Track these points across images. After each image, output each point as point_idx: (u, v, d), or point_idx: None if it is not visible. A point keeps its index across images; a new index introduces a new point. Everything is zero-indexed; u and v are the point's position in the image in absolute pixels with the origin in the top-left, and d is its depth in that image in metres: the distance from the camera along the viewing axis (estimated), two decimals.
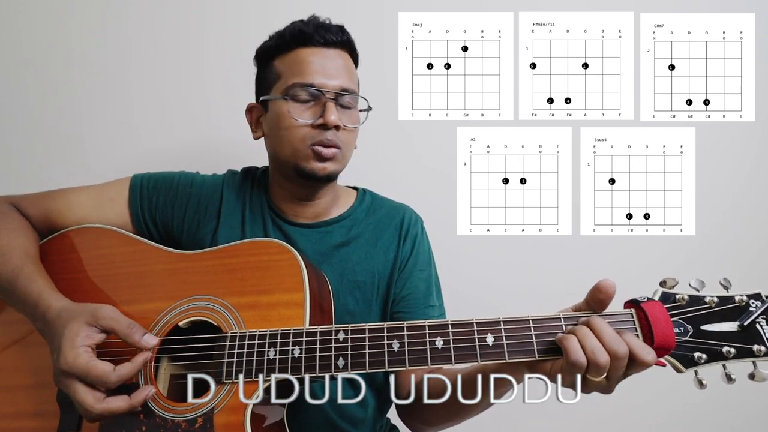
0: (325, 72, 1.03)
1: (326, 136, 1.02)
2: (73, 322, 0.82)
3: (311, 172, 1.03)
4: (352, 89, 1.06)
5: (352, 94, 1.06)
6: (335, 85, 1.03)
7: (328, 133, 1.02)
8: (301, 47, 1.05)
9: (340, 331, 0.83)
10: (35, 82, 1.51)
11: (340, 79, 1.04)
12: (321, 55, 1.05)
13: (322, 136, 1.02)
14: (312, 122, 1.02)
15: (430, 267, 1.17)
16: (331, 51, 1.06)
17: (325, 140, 1.02)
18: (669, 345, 0.74)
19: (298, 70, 1.04)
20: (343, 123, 1.03)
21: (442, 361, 0.79)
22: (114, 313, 0.84)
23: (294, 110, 1.02)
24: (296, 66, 1.04)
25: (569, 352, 0.73)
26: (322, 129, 1.01)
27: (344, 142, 1.05)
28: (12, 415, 0.91)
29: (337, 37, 1.06)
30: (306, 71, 1.03)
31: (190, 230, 1.10)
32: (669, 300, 0.78)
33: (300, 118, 1.02)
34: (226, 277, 0.93)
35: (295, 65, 1.05)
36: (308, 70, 1.03)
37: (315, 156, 1.02)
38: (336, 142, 1.03)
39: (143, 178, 1.13)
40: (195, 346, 0.89)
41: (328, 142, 1.02)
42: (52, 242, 1.05)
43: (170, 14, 1.51)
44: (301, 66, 1.04)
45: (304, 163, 1.04)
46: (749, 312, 0.76)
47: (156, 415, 0.84)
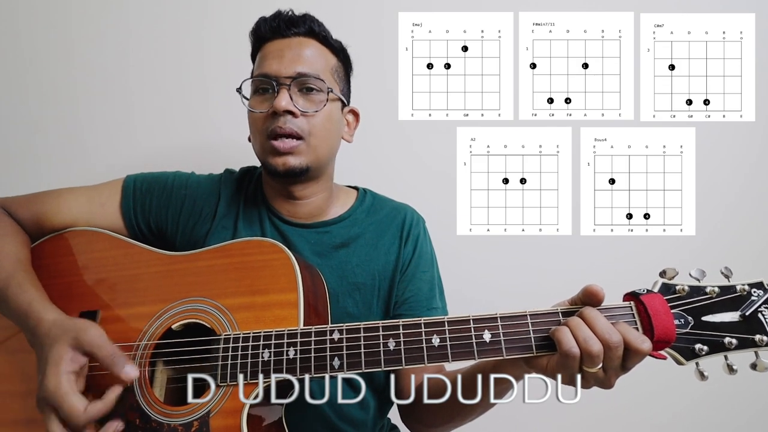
0: (281, 60, 1.02)
1: (278, 124, 1.00)
2: (58, 345, 0.80)
3: (273, 169, 1.02)
4: (310, 72, 1.02)
5: (309, 78, 1.02)
6: (288, 70, 1.01)
7: (280, 120, 1.00)
8: (264, 43, 1.06)
9: (335, 331, 0.82)
10: (35, 82, 1.51)
11: (297, 65, 1.01)
12: (279, 45, 1.04)
13: (275, 123, 1.00)
14: (266, 111, 1.01)
15: (433, 268, 1.16)
16: (292, 40, 1.05)
17: (277, 128, 1.00)
18: (669, 337, 0.74)
19: (258, 64, 1.06)
20: (300, 108, 1.01)
21: (439, 359, 0.78)
22: (98, 339, 0.81)
23: (253, 103, 1.04)
24: (258, 62, 1.07)
25: (561, 342, 0.73)
26: (275, 116, 1.00)
27: (306, 130, 1.02)
28: (5, 423, 0.91)
29: (299, 27, 1.05)
30: (263, 63, 1.04)
31: (185, 232, 1.10)
32: (669, 291, 0.77)
33: (256, 108, 1.02)
34: (219, 278, 0.93)
35: (258, 61, 1.07)
36: (265, 61, 1.04)
37: (273, 150, 1.01)
38: (292, 130, 1.00)
39: (136, 179, 1.12)
40: (189, 349, 0.88)
41: (280, 130, 1.00)
42: (45, 245, 1.05)
43: (169, 14, 1.51)
44: (261, 60, 1.05)
45: (266, 158, 1.03)
46: (751, 301, 0.75)
47: (152, 420, 0.84)
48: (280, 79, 1.01)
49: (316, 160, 1.05)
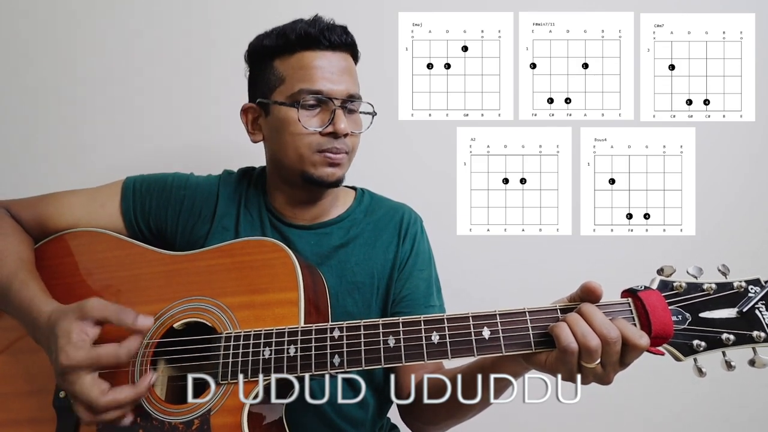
0: (332, 77, 1.01)
1: (335, 145, 1.01)
2: (62, 321, 0.81)
3: (320, 179, 1.03)
4: (358, 94, 1.05)
5: (359, 100, 1.05)
6: (342, 91, 1.01)
7: (338, 142, 1.01)
8: (305, 50, 1.02)
9: (335, 329, 0.82)
10: (35, 83, 1.51)
11: (345, 84, 1.02)
12: (326, 59, 1.02)
13: (332, 144, 1.01)
14: (321, 130, 1.01)
15: (431, 267, 1.17)
16: (337, 54, 1.03)
17: (334, 149, 1.01)
18: (667, 333, 0.74)
19: (304, 75, 1.01)
20: (351, 129, 1.03)
21: (439, 356, 0.79)
22: (100, 302, 0.82)
23: (302, 118, 1.00)
24: (302, 71, 1.01)
25: (560, 338, 0.74)
26: (331, 137, 1.01)
27: (351, 147, 1.05)
28: (7, 423, 0.91)
29: (342, 40, 1.03)
30: (313, 77, 1.00)
31: (184, 232, 1.10)
32: (667, 288, 0.78)
33: (308, 126, 1.00)
34: (220, 277, 0.93)
35: (301, 70, 1.01)
36: (315, 75, 1.00)
37: (324, 162, 1.02)
38: (345, 150, 1.03)
39: (135, 181, 1.12)
40: (190, 347, 0.88)
41: (337, 150, 1.02)
42: (47, 246, 1.05)
43: (170, 15, 1.51)
44: (308, 71, 1.01)
45: (312, 170, 1.03)
46: (748, 298, 0.75)
47: (153, 418, 0.84)
48: (336, 100, 1.01)
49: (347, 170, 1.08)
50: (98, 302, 0.82)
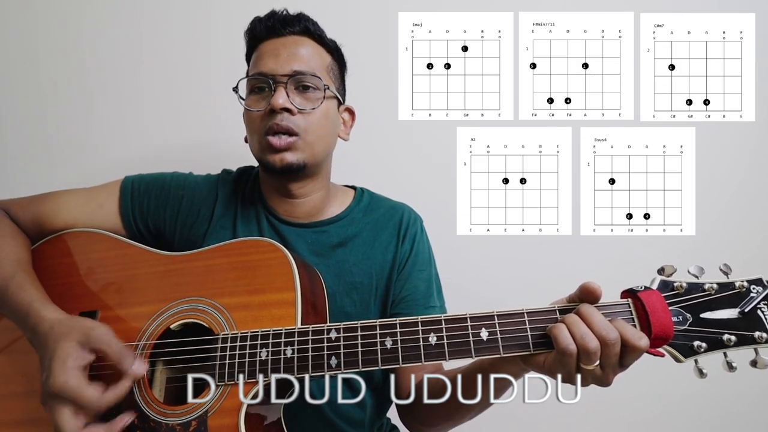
0: (277, 58, 1.03)
1: (275, 121, 1.00)
2: (64, 341, 0.80)
3: (270, 165, 1.03)
4: (307, 70, 1.03)
5: (306, 75, 1.03)
6: (284, 68, 1.02)
7: (277, 117, 1.00)
8: (259, 43, 1.07)
9: (332, 330, 0.82)
10: (35, 83, 1.52)
11: (293, 63, 1.03)
12: (275, 44, 1.05)
13: (272, 120, 1.01)
14: (263, 110, 1.02)
15: (431, 267, 1.16)
16: (288, 39, 1.06)
17: (274, 125, 1.00)
18: (667, 334, 0.73)
19: (254, 63, 1.07)
20: (297, 105, 1.02)
21: (436, 357, 0.78)
22: (108, 336, 0.82)
23: (250, 102, 1.05)
24: (254, 61, 1.07)
25: (558, 339, 0.73)
26: (272, 114, 1.01)
27: (303, 127, 1.02)
28: (5, 423, 0.91)
29: (294, 26, 1.06)
30: (259, 62, 1.05)
31: (183, 232, 1.10)
32: (667, 288, 0.77)
33: (253, 107, 1.03)
34: (217, 277, 0.93)
35: (253, 61, 1.07)
36: (261, 60, 1.05)
37: (270, 147, 1.02)
38: (289, 127, 1.01)
39: (134, 181, 1.12)
40: (187, 348, 0.88)
41: (277, 127, 1.00)
42: (44, 247, 1.05)
43: (169, 15, 1.51)
44: (256, 59, 1.06)
45: (263, 156, 1.04)
46: (750, 298, 0.75)
47: (150, 420, 0.84)
48: (277, 78, 1.02)
49: (312, 157, 1.05)
50: (105, 334, 0.82)
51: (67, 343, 0.80)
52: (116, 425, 0.81)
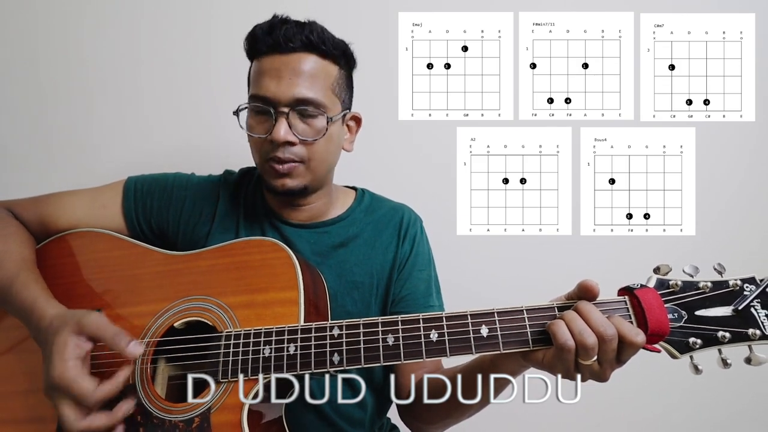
0: (279, 81, 0.96)
1: (276, 154, 0.98)
2: (61, 332, 0.81)
3: (273, 188, 1.03)
4: (310, 98, 0.97)
5: (308, 105, 0.97)
6: (286, 95, 0.96)
7: (279, 150, 0.98)
8: (260, 56, 1.00)
9: (335, 327, 0.83)
10: (36, 84, 1.52)
11: (295, 88, 0.96)
12: (277, 63, 0.97)
13: (274, 152, 0.98)
14: (265, 137, 0.98)
15: (430, 267, 1.17)
16: (290, 57, 0.97)
17: (276, 157, 0.98)
18: (663, 331, 0.75)
19: (254, 80, 1.00)
20: (299, 136, 0.98)
21: (437, 353, 0.79)
22: (99, 320, 0.82)
23: (252, 124, 1.01)
24: (254, 77, 1.01)
25: (557, 335, 0.74)
26: (273, 144, 0.98)
27: (306, 156, 1.00)
28: (8, 421, 0.91)
29: (297, 41, 0.97)
30: (259, 82, 0.98)
31: (185, 232, 1.10)
32: (663, 286, 0.78)
33: (255, 133, 1.00)
34: (221, 276, 0.93)
35: (254, 76, 1.01)
36: (261, 81, 0.98)
37: (272, 172, 1.01)
38: (291, 158, 0.99)
39: (137, 181, 1.12)
40: (191, 346, 0.88)
41: (278, 159, 0.98)
42: (48, 246, 1.05)
43: (171, 15, 1.51)
44: (257, 77, 1.00)
45: (266, 177, 1.03)
46: (743, 296, 0.76)
47: (153, 417, 0.84)
48: (279, 107, 0.96)
49: (314, 180, 1.04)
50: (96, 319, 0.82)
51: (63, 334, 0.81)
52: (117, 413, 0.81)
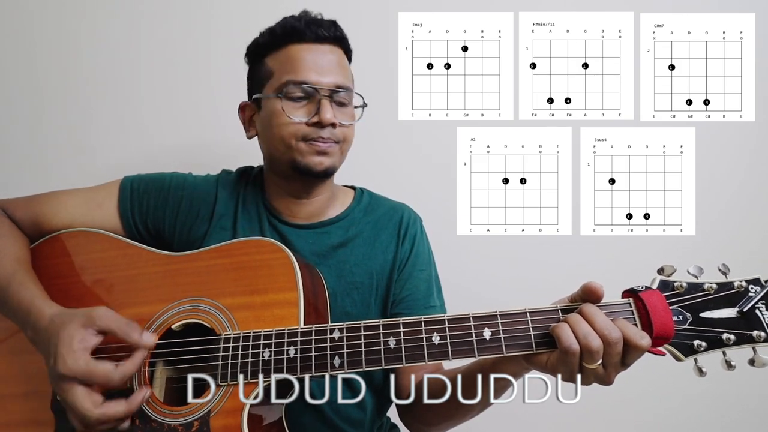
0: (318, 68, 1.02)
1: (321, 134, 1.01)
2: (68, 326, 0.81)
3: (307, 167, 1.03)
4: (347, 85, 1.05)
5: (347, 91, 1.05)
6: (329, 82, 1.02)
7: (324, 131, 1.01)
8: (292, 43, 1.03)
9: (336, 330, 0.82)
10: (35, 83, 1.51)
11: (333, 76, 1.03)
12: (313, 51, 1.03)
13: (317, 134, 1.01)
14: (307, 120, 1.01)
15: (430, 267, 1.16)
16: (324, 47, 1.04)
17: (320, 138, 1.01)
18: (668, 334, 0.74)
19: (291, 67, 1.02)
20: (339, 120, 1.02)
21: (439, 357, 0.78)
22: (109, 312, 0.82)
23: (288, 108, 1.01)
24: (288, 63, 1.03)
25: (561, 339, 0.74)
26: (317, 127, 1.01)
27: (341, 138, 1.04)
28: (5, 425, 0.90)
29: (330, 33, 1.04)
30: (299, 68, 1.02)
31: (182, 233, 1.10)
32: (667, 288, 0.78)
33: (294, 116, 1.01)
34: (219, 277, 0.92)
35: (288, 62, 1.03)
36: (301, 66, 1.02)
37: (311, 150, 1.02)
38: (331, 138, 1.02)
39: (133, 181, 1.12)
40: (189, 348, 0.88)
41: (322, 140, 1.01)
42: (43, 246, 1.04)
43: (170, 15, 1.51)
44: (294, 63, 1.02)
45: (300, 158, 1.03)
46: (748, 298, 0.75)
47: (152, 420, 0.84)
48: (322, 90, 1.01)
49: (338, 163, 1.08)
50: (106, 312, 0.82)
51: (71, 327, 0.80)
52: (135, 400, 0.81)
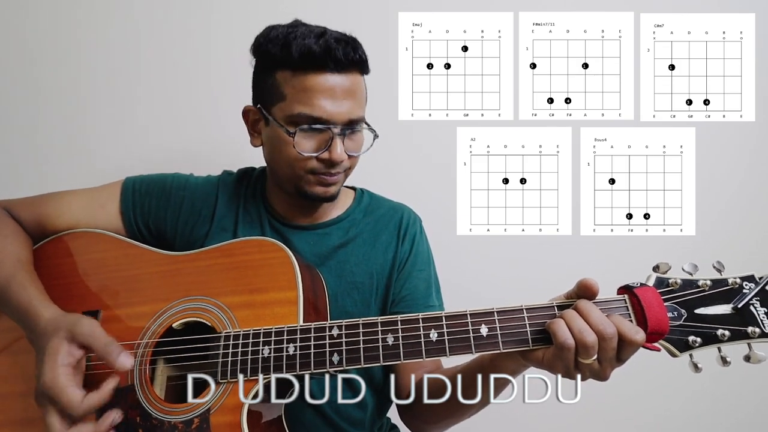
0: (334, 101, 0.95)
1: (330, 171, 0.99)
2: (54, 338, 0.81)
3: (313, 195, 1.02)
4: (360, 117, 1.00)
5: (359, 124, 1.01)
6: (343, 116, 0.96)
7: (334, 169, 0.99)
8: (308, 72, 0.94)
9: (334, 327, 0.83)
10: (35, 84, 1.51)
11: (347, 107, 0.96)
12: (330, 82, 0.95)
13: (326, 170, 0.99)
14: (317, 155, 0.97)
15: (430, 267, 1.17)
16: (342, 76, 0.96)
17: (328, 173, 0.99)
18: (663, 329, 0.74)
19: (304, 98, 0.95)
20: (349, 152, 1.00)
21: (437, 353, 0.79)
22: (92, 328, 0.82)
23: (299, 142, 0.96)
24: (302, 93, 0.95)
25: (557, 334, 0.74)
26: (326, 164, 0.98)
27: (348, 166, 1.03)
28: (4, 423, 0.90)
29: (349, 59, 0.95)
30: (313, 102, 0.94)
31: (183, 233, 1.10)
32: (662, 285, 0.78)
33: (304, 151, 0.97)
34: (219, 276, 0.93)
35: (302, 92, 0.95)
36: (315, 101, 0.94)
37: (318, 181, 1.01)
38: (339, 171, 1.01)
39: (135, 181, 1.12)
40: (190, 346, 0.88)
41: (330, 177, 1.00)
42: (45, 247, 1.05)
43: (172, 15, 1.51)
44: (308, 94, 0.95)
45: (305, 186, 1.02)
46: (743, 294, 0.76)
47: (153, 418, 0.84)
48: (335, 128, 0.96)
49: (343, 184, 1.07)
50: (89, 327, 0.82)
51: (55, 340, 0.80)
52: (103, 424, 0.80)
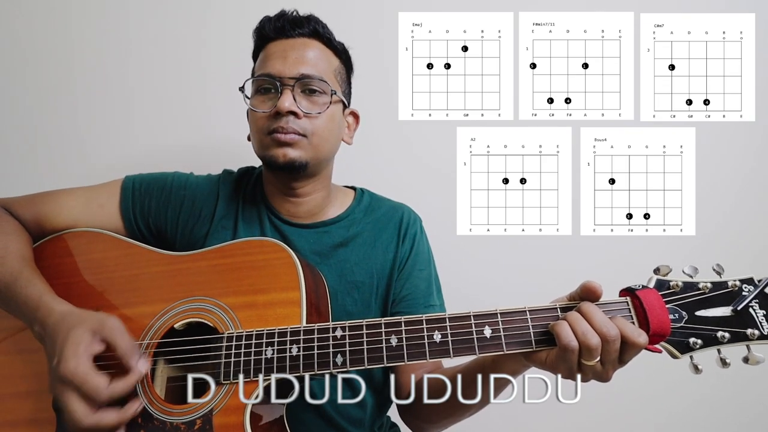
0: (285, 60, 1.03)
1: (280, 124, 1.00)
2: (78, 328, 0.81)
3: (270, 160, 1.03)
4: (315, 74, 1.03)
5: (313, 79, 1.03)
6: (291, 71, 1.01)
7: (282, 120, 1.00)
8: (267, 43, 1.07)
9: (338, 328, 0.83)
10: (34, 83, 1.51)
11: (301, 66, 1.02)
12: (283, 45, 1.05)
13: (277, 123, 1.00)
14: (269, 111, 1.01)
15: (430, 266, 1.17)
16: (296, 41, 1.06)
17: (279, 128, 1.00)
18: (664, 331, 0.76)
19: (261, 63, 1.06)
20: (303, 109, 1.01)
21: (441, 354, 0.79)
22: (120, 329, 0.83)
23: (255, 102, 1.04)
24: (261, 61, 1.07)
25: (560, 336, 0.75)
26: (278, 116, 1.01)
27: (309, 130, 1.02)
28: (7, 423, 0.90)
29: (303, 28, 1.06)
30: (266, 63, 1.04)
31: (184, 232, 1.10)
32: (663, 287, 0.80)
33: (259, 108, 1.03)
34: (222, 277, 0.93)
35: (261, 61, 1.07)
36: (268, 61, 1.04)
37: (273, 142, 1.02)
38: (294, 129, 1.01)
39: (135, 180, 1.12)
40: (191, 347, 0.88)
41: (282, 130, 1.00)
42: (45, 246, 1.05)
43: (169, 14, 1.51)
44: (264, 59, 1.06)
45: (265, 151, 1.03)
46: (742, 296, 0.78)
47: (154, 419, 0.84)
48: (284, 80, 1.01)
49: (315, 158, 1.05)
50: (118, 326, 0.83)
51: (81, 330, 0.81)
52: (127, 411, 0.81)
